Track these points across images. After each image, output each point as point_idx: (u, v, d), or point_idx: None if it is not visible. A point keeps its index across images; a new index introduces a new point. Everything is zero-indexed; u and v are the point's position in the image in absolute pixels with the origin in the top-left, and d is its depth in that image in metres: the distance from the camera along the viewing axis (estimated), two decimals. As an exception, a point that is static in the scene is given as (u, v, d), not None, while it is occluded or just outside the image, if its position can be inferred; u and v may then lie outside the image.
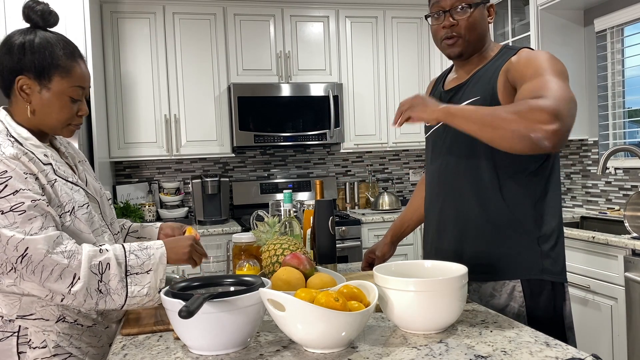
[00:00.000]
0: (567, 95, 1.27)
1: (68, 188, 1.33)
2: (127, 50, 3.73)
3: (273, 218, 1.63)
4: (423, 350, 1.07)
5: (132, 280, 1.25)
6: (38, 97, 1.32)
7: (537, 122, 1.20)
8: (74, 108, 1.36)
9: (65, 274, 1.20)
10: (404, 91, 4.26)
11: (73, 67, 1.34)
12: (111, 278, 1.23)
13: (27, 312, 1.28)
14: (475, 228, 1.49)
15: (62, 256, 1.20)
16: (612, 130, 3.51)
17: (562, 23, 3.50)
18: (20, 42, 1.31)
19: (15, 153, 1.24)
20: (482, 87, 1.47)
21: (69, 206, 1.31)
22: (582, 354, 1.01)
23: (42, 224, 1.21)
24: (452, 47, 1.52)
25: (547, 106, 1.21)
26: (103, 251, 1.25)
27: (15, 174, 1.22)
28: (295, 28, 4.04)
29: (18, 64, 1.30)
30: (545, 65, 1.35)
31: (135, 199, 3.93)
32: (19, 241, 1.18)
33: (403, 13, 4.24)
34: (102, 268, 1.23)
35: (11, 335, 1.27)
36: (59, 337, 1.29)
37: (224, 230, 3.58)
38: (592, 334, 2.75)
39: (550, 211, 1.47)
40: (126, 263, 1.26)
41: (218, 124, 3.91)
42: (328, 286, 1.23)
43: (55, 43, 1.33)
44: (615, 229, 3.06)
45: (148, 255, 1.29)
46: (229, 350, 1.09)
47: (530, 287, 1.44)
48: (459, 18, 1.48)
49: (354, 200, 4.43)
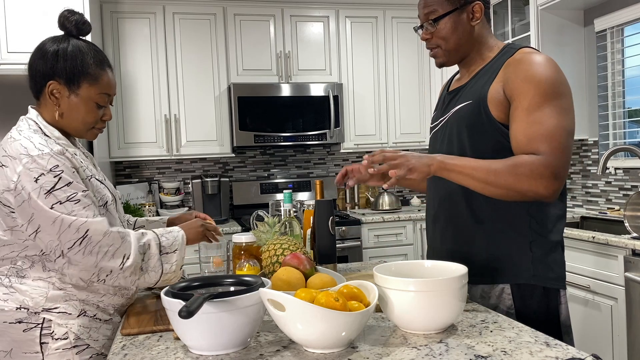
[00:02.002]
0: (565, 139, 1.32)
1: (98, 184, 1.45)
2: (127, 50, 3.73)
3: (273, 218, 1.63)
4: (423, 350, 1.07)
5: (165, 259, 1.40)
6: (67, 101, 1.41)
7: (537, 185, 1.30)
8: (99, 113, 1.45)
9: (118, 253, 1.32)
10: (404, 91, 4.27)
11: (101, 75, 1.43)
12: (151, 257, 1.37)
13: (52, 306, 1.35)
14: (467, 230, 1.48)
15: (117, 236, 1.32)
16: (612, 130, 3.51)
17: (562, 23, 3.50)
18: (54, 50, 1.40)
19: (61, 149, 1.35)
20: (476, 91, 1.46)
21: (103, 200, 1.43)
22: (582, 354, 1.01)
23: (95, 211, 1.33)
24: (435, 58, 1.57)
25: (547, 167, 1.29)
26: (145, 234, 1.39)
27: (65, 168, 1.33)
28: (295, 28, 4.04)
29: (51, 70, 1.39)
30: (542, 89, 1.34)
31: (135, 199, 3.93)
32: (82, 223, 1.29)
33: (403, 13, 4.24)
34: (145, 248, 1.37)
35: (35, 326, 1.34)
36: (79, 330, 1.37)
37: (224, 231, 3.57)
38: (592, 334, 2.75)
39: (547, 217, 1.44)
40: (160, 244, 1.40)
41: (218, 124, 3.91)
42: (328, 286, 1.23)
43: (87, 52, 1.42)
44: (615, 229, 3.06)
45: (174, 237, 1.44)
46: (229, 350, 1.09)
47: (520, 290, 1.43)
48: (431, 31, 1.52)
49: (354, 200, 4.43)
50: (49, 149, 1.33)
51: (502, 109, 1.40)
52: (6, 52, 2.99)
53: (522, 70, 1.37)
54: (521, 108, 1.35)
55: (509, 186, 1.32)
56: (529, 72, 1.36)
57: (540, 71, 1.36)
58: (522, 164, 1.30)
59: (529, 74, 1.36)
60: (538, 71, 1.36)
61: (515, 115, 1.36)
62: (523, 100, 1.35)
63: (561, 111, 1.34)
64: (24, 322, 1.34)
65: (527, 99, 1.34)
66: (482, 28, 1.53)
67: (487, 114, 1.41)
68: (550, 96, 1.33)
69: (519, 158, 1.33)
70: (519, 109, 1.35)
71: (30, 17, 3.04)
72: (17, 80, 2.57)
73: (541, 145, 1.31)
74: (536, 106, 1.33)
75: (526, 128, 1.34)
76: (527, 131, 1.33)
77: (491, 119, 1.41)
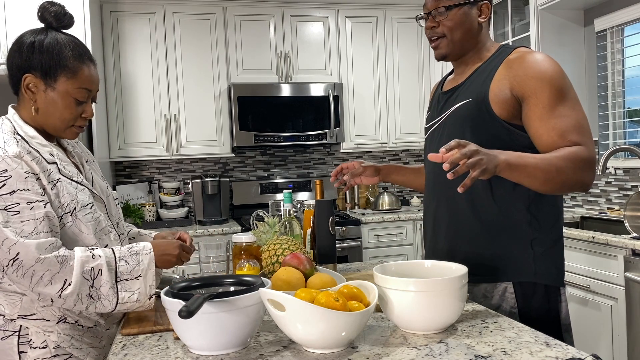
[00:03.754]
0: (589, 128, 1.39)
1: (72, 187, 1.34)
2: (127, 50, 3.73)
3: (273, 218, 1.63)
4: (423, 350, 1.07)
5: (122, 287, 1.27)
6: (43, 95, 1.33)
7: (587, 176, 1.34)
8: (78, 109, 1.36)
9: (56, 279, 1.21)
10: (404, 91, 4.26)
11: (80, 68, 1.35)
12: (102, 284, 1.25)
13: (28, 312, 1.28)
14: (468, 229, 1.49)
15: (55, 261, 1.20)
16: (612, 130, 3.51)
17: (562, 23, 3.50)
18: (30, 41, 1.33)
19: (18, 152, 1.25)
20: (476, 89, 1.47)
21: (71, 206, 1.31)
22: (582, 354, 1.01)
23: (35, 228, 1.22)
24: (437, 49, 1.55)
25: (590, 158, 1.34)
26: (95, 257, 1.26)
27: (15, 174, 1.23)
28: (295, 28, 4.04)
29: (26, 62, 1.32)
30: (556, 85, 1.37)
31: (135, 199, 3.93)
32: (12, 244, 1.19)
33: (403, 13, 4.24)
34: (94, 274, 1.24)
35: (12, 334, 1.28)
36: (59, 337, 1.30)
37: (224, 230, 3.58)
38: (592, 334, 2.75)
39: (547, 214, 1.45)
40: (116, 269, 1.27)
41: (218, 124, 3.91)
42: (328, 286, 1.23)
43: (65, 44, 1.34)
44: (615, 229, 3.06)
45: (137, 261, 1.30)
46: (229, 350, 1.09)
47: (522, 289, 1.43)
48: (440, 19, 1.50)
49: (354, 200, 4.43)
50: (4, 151, 1.24)
51: (506, 107, 1.41)
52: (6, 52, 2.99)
53: (531, 69, 1.39)
54: (542, 105, 1.36)
55: (566, 181, 1.33)
56: (539, 70, 1.38)
57: (549, 68, 1.38)
58: (576, 158, 1.32)
59: (539, 72, 1.38)
60: (547, 69, 1.38)
61: (535, 113, 1.37)
62: (541, 98, 1.36)
63: (577, 103, 1.39)
64: (1, 330, 1.28)
65: (545, 96, 1.36)
66: (485, 29, 1.55)
67: (489, 111, 1.42)
68: (564, 91, 1.37)
69: (569, 152, 1.33)
70: (539, 107, 1.37)
71: (31, 17, 3.03)
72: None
73: (577, 137, 1.34)
74: (556, 102, 1.36)
75: (556, 123, 1.35)
76: (558, 125, 1.35)
77: (493, 116, 1.42)
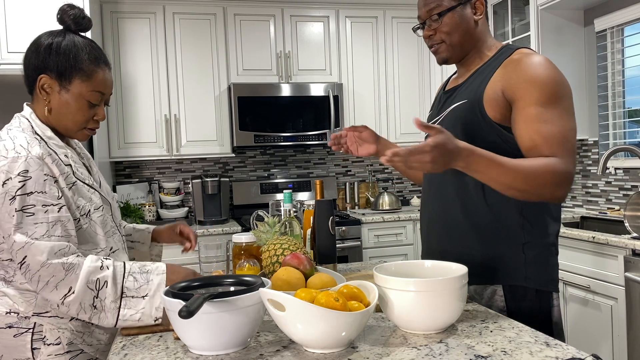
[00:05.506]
0: (574, 141, 1.35)
1: (86, 190, 1.37)
2: (127, 50, 3.73)
3: (273, 218, 1.63)
4: (423, 350, 1.07)
5: (125, 303, 1.25)
6: (57, 97, 1.36)
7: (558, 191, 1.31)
8: (90, 112, 1.39)
9: (61, 286, 1.22)
10: (404, 91, 4.26)
11: (95, 72, 1.37)
12: (106, 296, 1.25)
13: (43, 309, 1.32)
14: (460, 231, 1.48)
15: (60, 267, 1.22)
16: (612, 130, 3.51)
17: (562, 23, 3.50)
18: (47, 43, 1.35)
19: (41, 153, 1.28)
20: (472, 91, 1.45)
21: (86, 208, 1.35)
22: (582, 354, 1.01)
23: (47, 231, 1.23)
24: (437, 54, 1.54)
25: (567, 173, 1.30)
26: (104, 268, 1.26)
27: (35, 175, 1.25)
28: (295, 28, 4.04)
29: (42, 63, 1.34)
30: (547, 90, 1.33)
31: (135, 199, 3.93)
32: (21, 246, 1.21)
33: (403, 13, 4.24)
34: (99, 285, 1.24)
35: (26, 331, 1.30)
36: (72, 334, 1.33)
37: (224, 230, 3.58)
38: (592, 334, 2.75)
39: (540, 218, 1.43)
40: (123, 284, 1.26)
41: (218, 124, 3.91)
42: (328, 286, 1.23)
43: (82, 47, 1.37)
44: (615, 229, 3.06)
45: (147, 280, 1.28)
46: (229, 350, 1.09)
47: (512, 292, 1.42)
48: (435, 27, 1.50)
49: (354, 200, 4.43)
50: (27, 152, 1.26)
51: (499, 109, 1.39)
52: (6, 52, 2.99)
53: (523, 71, 1.36)
54: (528, 109, 1.33)
55: (531, 191, 1.30)
56: (532, 73, 1.35)
57: (542, 72, 1.35)
58: (549, 170, 1.28)
59: (532, 75, 1.35)
60: (541, 72, 1.35)
61: (521, 115, 1.34)
62: (529, 101, 1.33)
63: (568, 112, 1.35)
64: (15, 327, 1.30)
65: (533, 100, 1.33)
66: (483, 25, 1.53)
67: (482, 113, 1.40)
68: (556, 97, 1.33)
69: (544, 163, 1.29)
70: (525, 110, 1.34)
71: (31, 17, 3.04)
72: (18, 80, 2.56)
73: (557, 148, 1.30)
74: (544, 106, 1.32)
75: (540, 127, 1.32)
76: (542, 130, 1.31)
77: (487, 118, 1.40)
